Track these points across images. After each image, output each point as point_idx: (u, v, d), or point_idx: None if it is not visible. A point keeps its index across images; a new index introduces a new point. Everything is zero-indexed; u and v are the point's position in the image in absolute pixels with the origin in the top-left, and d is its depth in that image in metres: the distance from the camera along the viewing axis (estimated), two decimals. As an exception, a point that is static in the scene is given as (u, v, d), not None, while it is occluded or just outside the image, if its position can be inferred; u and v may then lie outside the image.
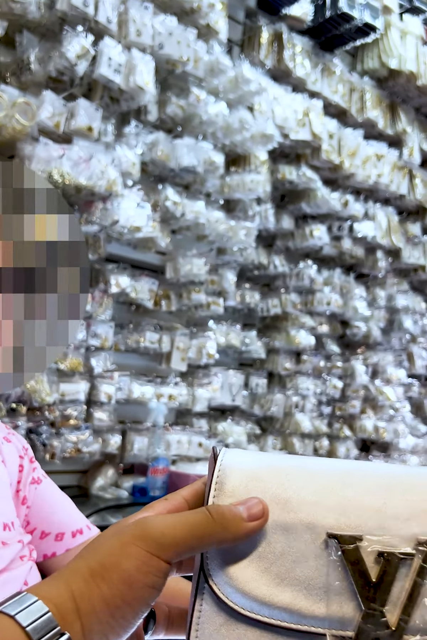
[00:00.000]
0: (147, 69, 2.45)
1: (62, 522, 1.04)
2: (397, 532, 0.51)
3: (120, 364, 2.78)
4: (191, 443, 2.91)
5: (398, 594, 0.49)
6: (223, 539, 0.52)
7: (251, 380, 3.40)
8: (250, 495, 0.54)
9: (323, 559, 0.51)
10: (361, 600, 0.49)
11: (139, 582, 0.49)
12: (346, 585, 0.50)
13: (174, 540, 0.50)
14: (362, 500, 0.53)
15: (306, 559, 0.51)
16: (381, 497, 0.53)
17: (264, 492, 0.55)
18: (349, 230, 3.68)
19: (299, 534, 0.52)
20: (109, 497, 2.63)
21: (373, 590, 0.49)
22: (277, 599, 0.51)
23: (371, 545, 0.51)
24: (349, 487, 0.54)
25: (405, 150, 3.94)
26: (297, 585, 0.51)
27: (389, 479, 0.55)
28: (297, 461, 0.58)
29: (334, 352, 3.75)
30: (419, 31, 3.84)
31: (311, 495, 0.54)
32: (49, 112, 2.28)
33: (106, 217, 2.44)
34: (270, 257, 3.45)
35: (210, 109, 2.76)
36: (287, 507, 0.54)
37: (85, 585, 0.49)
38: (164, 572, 0.50)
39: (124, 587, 0.49)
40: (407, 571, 0.50)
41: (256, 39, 3.25)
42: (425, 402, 4.33)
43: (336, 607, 0.49)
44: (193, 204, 2.79)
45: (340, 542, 0.51)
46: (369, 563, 0.50)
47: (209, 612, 0.53)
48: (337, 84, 3.55)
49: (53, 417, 2.47)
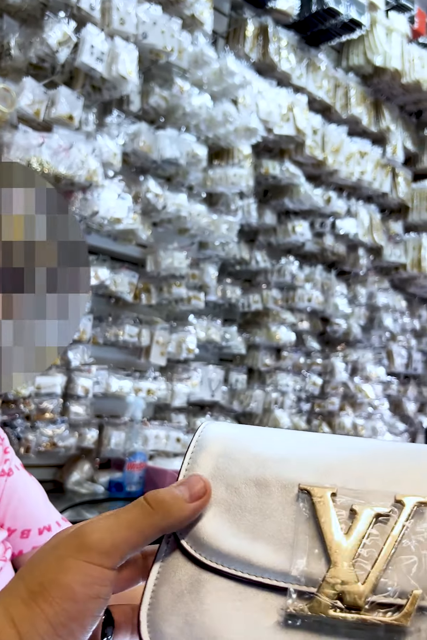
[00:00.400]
0: (130, 58, 2.42)
1: (28, 518, 1.00)
2: (373, 489, 0.48)
3: (98, 358, 2.75)
4: (169, 438, 2.89)
5: (370, 551, 0.45)
6: (167, 526, 0.49)
7: (231, 375, 3.38)
8: (222, 462, 0.53)
9: (294, 513, 0.49)
10: (329, 553, 0.46)
11: (82, 595, 0.46)
12: (316, 540, 0.47)
13: (113, 543, 0.48)
14: (342, 461, 0.51)
15: (276, 513, 0.49)
16: (364, 460, 0.51)
17: (240, 451, 0.53)
18: (331, 227, 3.67)
19: (272, 489, 0.50)
20: (84, 492, 2.60)
21: (343, 544, 0.46)
22: (245, 552, 0.48)
23: (345, 500, 0.48)
24: (331, 449, 0.53)
25: (388, 148, 3.93)
26: (267, 539, 0.48)
27: (374, 447, 0.54)
28: (281, 431, 0.58)
29: (314, 348, 3.75)
30: (405, 29, 3.83)
31: (288, 454, 0.53)
32: (29, 99, 2.23)
33: (86, 207, 2.40)
34: (252, 252, 3.43)
35: (194, 101, 2.73)
36: (261, 463, 0.52)
37: (25, 608, 0.47)
38: (110, 579, 0.48)
39: (67, 603, 0.46)
40: (382, 529, 0.46)
41: (241, 31, 3.22)
42: (403, 400, 4.35)
43: (303, 562, 0.46)
44: (175, 197, 2.76)
45: (312, 495, 0.49)
46: (342, 518, 0.47)
47: (172, 565, 0.50)
48: (322, 80, 3.53)
49: (28, 410, 2.43)
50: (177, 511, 0.49)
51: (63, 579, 0.47)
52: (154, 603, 0.48)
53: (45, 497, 1.07)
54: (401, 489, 0.47)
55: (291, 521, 0.48)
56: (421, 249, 4.12)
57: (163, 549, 0.51)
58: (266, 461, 0.52)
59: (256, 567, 0.47)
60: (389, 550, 0.45)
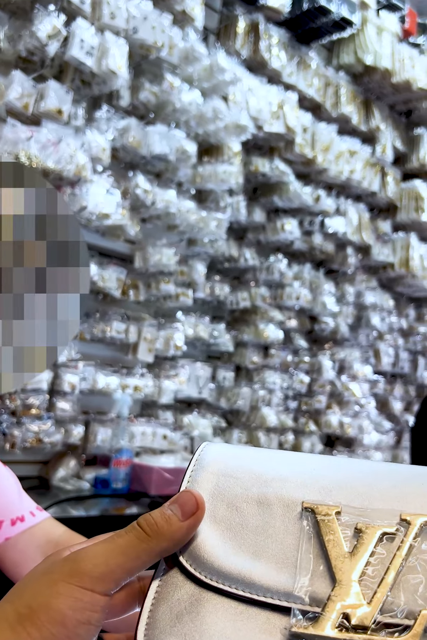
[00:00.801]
0: (120, 52, 2.40)
1: (1, 509, 1.00)
2: (378, 507, 0.47)
3: (85, 354, 2.73)
4: (156, 435, 2.88)
5: (376, 570, 0.44)
6: (162, 549, 0.48)
7: (218, 373, 3.38)
8: (222, 481, 0.52)
9: (297, 532, 0.48)
10: (334, 571, 0.45)
11: (72, 620, 0.45)
12: (320, 558, 0.46)
13: (108, 569, 0.46)
14: (345, 481, 0.50)
15: (279, 532, 0.48)
16: (367, 480, 0.50)
17: (241, 470, 0.52)
18: (320, 226, 3.67)
19: (274, 508, 0.49)
20: (70, 488, 2.58)
21: (349, 562, 0.45)
22: (246, 571, 0.47)
23: (349, 518, 0.47)
24: (333, 470, 0.52)
25: (378, 147, 3.94)
26: (270, 558, 0.47)
27: (376, 468, 0.53)
28: (282, 452, 0.57)
29: (301, 347, 3.75)
30: (395, 28, 3.84)
31: (290, 474, 0.52)
32: (18, 92, 2.21)
33: (74, 202, 2.39)
34: (241, 249, 3.42)
35: (184, 97, 2.72)
36: (263, 482, 0.51)
37: (12, 633, 0.45)
38: (101, 605, 0.46)
39: (56, 628, 0.45)
40: (389, 547, 0.45)
41: (232, 28, 3.21)
42: (390, 399, 4.37)
43: (307, 581, 0.45)
44: (164, 193, 2.75)
45: (316, 513, 0.48)
46: (346, 537, 0.46)
47: (170, 583, 0.49)
48: (312, 78, 3.53)
49: (14, 406, 2.42)
50: (171, 532, 0.48)
51: (53, 603, 0.45)
52: (151, 623, 0.47)
53: (19, 486, 1.06)
54: (406, 508, 0.47)
55: (295, 540, 0.47)
56: (409, 249, 4.13)
57: (162, 567, 0.50)
58: (268, 481, 0.51)
59: (258, 586, 0.46)
60: (395, 570, 0.44)
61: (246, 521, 0.50)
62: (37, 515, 1.04)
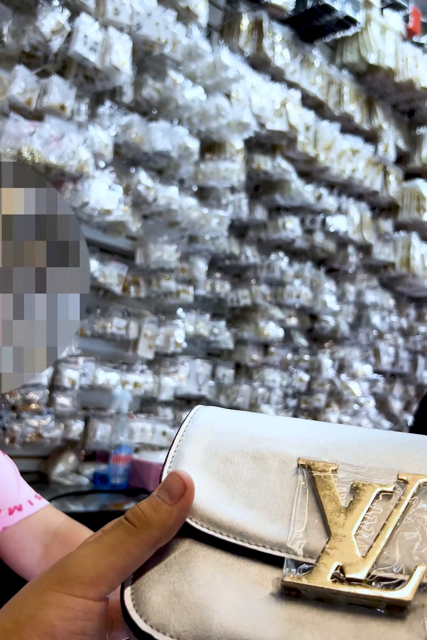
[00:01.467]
0: (123, 49, 2.40)
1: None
2: (376, 467, 0.47)
3: (85, 350, 2.73)
4: (155, 431, 2.88)
5: (372, 525, 0.44)
6: (155, 540, 0.45)
7: (218, 370, 3.38)
8: (217, 437, 0.51)
9: (292, 486, 0.47)
10: (329, 525, 0.44)
11: (62, 631, 0.41)
12: (315, 512, 0.45)
13: (98, 572, 0.43)
14: (342, 442, 0.50)
15: (274, 486, 0.48)
16: (364, 443, 0.50)
17: (236, 429, 0.52)
18: (322, 224, 3.67)
19: (269, 462, 0.49)
20: (69, 483, 2.59)
21: (344, 517, 0.44)
22: (239, 521, 0.46)
23: (346, 476, 0.46)
24: (329, 433, 0.52)
25: (380, 146, 3.93)
26: (263, 509, 0.46)
27: (373, 432, 0.53)
28: (276, 416, 0.58)
29: (301, 345, 3.75)
30: (399, 27, 3.83)
31: (287, 434, 0.52)
32: (21, 87, 2.21)
33: (76, 198, 2.39)
34: (242, 247, 3.42)
35: (187, 94, 2.72)
36: (258, 439, 0.51)
37: None
38: (96, 612, 0.43)
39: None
40: (385, 505, 0.44)
41: (235, 25, 3.21)
42: (389, 398, 4.37)
43: (301, 533, 0.44)
44: (166, 190, 2.75)
45: (312, 469, 0.47)
46: (343, 493, 0.45)
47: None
48: (315, 76, 3.53)
49: (14, 401, 2.42)
50: (161, 520, 0.45)
51: (40, 614, 0.42)
52: (139, 571, 0.45)
53: (17, 474, 1.06)
54: (404, 469, 0.46)
55: (289, 493, 0.47)
56: (410, 248, 4.13)
57: None
58: (264, 439, 0.51)
59: (250, 535, 0.45)
60: (392, 526, 0.43)
61: (240, 473, 0.49)
62: (36, 504, 1.04)
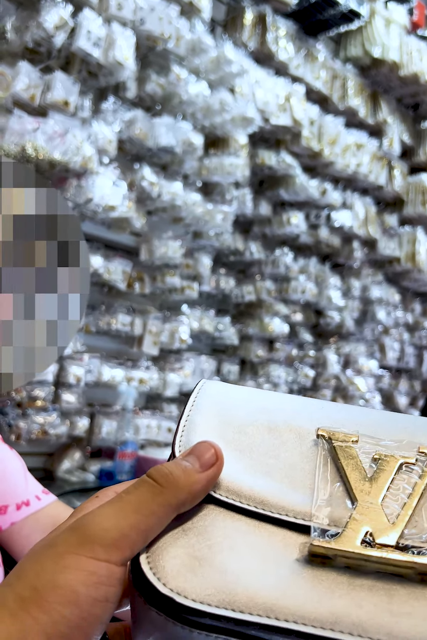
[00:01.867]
0: (127, 44, 2.39)
1: (6, 493, 0.99)
2: (395, 439, 0.46)
3: (90, 346, 2.73)
4: (161, 428, 2.88)
5: (397, 495, 0.43)
6: (179, 503, 0.42)
7: (223, 366, 3.38)
8: (228, 410, 0.49)
9: (312, 456, 0.46)
10: (355, 492, 0.43)
11: (86, 598, 0.38)
12: (338, 481, 0.44)
13: (121, 533, 0.39)
14: (358, 417, 0.49)
15: (293, 456, 0.46)
16: (379, 420, 0.49)
17: (247, 402, 0.51)
18: (327, 219, 3.66)
19: (286, 435, 0.48)
20: (75, 480, 2.59)
21: (369, 485, 0.43)
22: (259, 489, 0.44)
23: (368, 447, 0.45)
24: (344, 410, 0.51)
25: (385, 140, 3.92)
26: (283, 479, 0.45)
27: (388, 414, 0.52)
28: (288, 395, 0.55)
29: (306, 340, 3.74)
30: (404, 21, 3.81)
31: (301, 408, 0.50)
32: (25, 83, 2.20)
33: (80, 194, 2.38)
34: (246, 243, 3.41)
35: (191, 89, 2.71)
36: (271, 412, 0.49)
37: (13, 622, 0.37)
38: (118, 577, 0.39)
39: (68, 608, 0.38)
40: (409, 476, 0.44)
41: (239, 19, 3.19)
42: (395, 393, 4.36)
43: (325, 501, 0.43)
44: (170, 185, 2.74)
45: (332, 440, 0.46)
46: (365, 464, 0.44)
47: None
48: (319, 70, 3.51)
49: (20, 398, 2.42)
50: (189, 485, 0.42)
51: (62, 580, 0.38)
52: (155, 538, 0.42)
53: (25, 470, 1.06)
54: (424, 442, 0.46)
55: (309, 463, 0.46)
56: (416, 243, 4.12)
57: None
58: (277, 411, 0.49)
59: (271, 504, 0.43)
60: (417, 496, 0.43)
61: (256, 444, 0.47)
62: (43, 499, 1.03)
